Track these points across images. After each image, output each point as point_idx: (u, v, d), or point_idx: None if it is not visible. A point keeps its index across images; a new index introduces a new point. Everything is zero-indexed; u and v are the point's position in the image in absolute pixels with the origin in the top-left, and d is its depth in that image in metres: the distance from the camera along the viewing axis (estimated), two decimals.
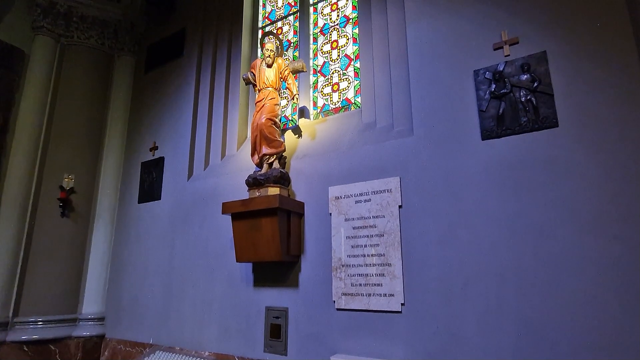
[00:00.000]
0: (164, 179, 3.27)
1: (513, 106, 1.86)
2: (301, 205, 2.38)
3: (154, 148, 3.43)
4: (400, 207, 2.04)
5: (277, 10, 3.42)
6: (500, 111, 1.88)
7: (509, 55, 1.92)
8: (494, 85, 1.92)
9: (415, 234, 1.96)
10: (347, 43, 2.89)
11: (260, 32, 3.43)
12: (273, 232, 2.20)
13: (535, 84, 1.81)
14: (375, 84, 2.46)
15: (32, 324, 3.04)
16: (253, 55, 3.34)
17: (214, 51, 3.37)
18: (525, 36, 1.89)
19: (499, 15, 1.99)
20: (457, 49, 2.07)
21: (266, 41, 2.64)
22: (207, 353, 2.52)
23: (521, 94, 1.85)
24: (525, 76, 1.85)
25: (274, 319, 2.29)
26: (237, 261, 2.36)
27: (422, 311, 1.85)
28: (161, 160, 3.34)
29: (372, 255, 2.05)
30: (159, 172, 3.31)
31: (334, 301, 2.11)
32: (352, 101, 2.76)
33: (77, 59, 3.64)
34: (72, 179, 3.37)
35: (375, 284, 2.00)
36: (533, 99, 1.81)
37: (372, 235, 2.07)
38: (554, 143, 1.72)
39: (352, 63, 2.83)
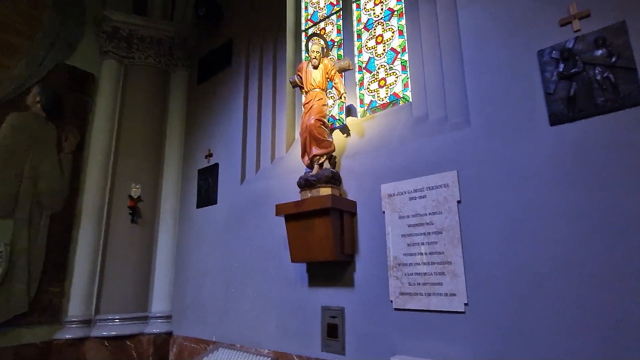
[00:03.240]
0: (219, 184, 3.62)
1: (586, 86, 1.77)
2: (353, 204, 2.48)
3: (209, 155, 3.80)
4: (458, 202, 2.04)
5: (319, 11, 3.60)
6: (571, 92, 1.80)
7: (579, 30, 1.84)
8: (562, 65, 1.84)
9: (476, 230, 1.95)
10: (392, 36, 2.96)
11: (303, 34, 3.64)
12: (326, 232, 2.33)
13: (614, 59, 1.72)
14: (426, 75, 2.49)
15: (110, 322, 3.55)
16: (298, 58, 3.56)
17: (260, 58, 3.66)
18: (598, 7, 1.80)
19: None
20: (516, 29, 2.02)
21: (311, 43, 2.80)
22: (266, 351, 2.73)
23: (596, 71, 1.76)
24: (600, 51, 1.75)
25: (330, 318, 2.42)
26: (292, 261, 2.54)
27: (487, 311, 1.84)
28: (216, 166, 3.70)
29: (430, 253, 2.07)
30: (214, 177, 3.67)
31: (392, 301, 2.18)
32: (401, 95, 2.80)
33: (138, 78, 4.19)
34: (138, 189, 3.88)
35: (434, 283, 2.02)
36: (611, 75, 1.71)
37: (429, 233, 2.10)
38: None
39: (399, 56, 2.88)
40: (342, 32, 3.29)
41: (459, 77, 2.26)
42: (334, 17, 3.44)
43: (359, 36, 3.18)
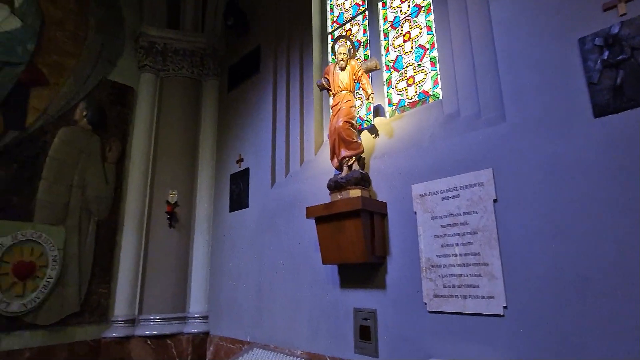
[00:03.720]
0: (250, 188, 3.76)
1: (635, 74, 1.67)
2: (384, 205, 2.49)
3: (240, 160, 3.96)
4: (495, 201, 1.99)
5: (344, 12, 3.65)
6: (618, 81, 1.71)
7: (625, 14, 1.74)
8: (606, 52, 1.75)
9: (514, 230, 1.89)
10: (420, 33, 2.94)
11: (329, 37, 3.70)
12: (357, 234, 2.35)
13: None
14: (456, 71, 2.45)
15: (152, 321, 3.79)
16: (324, 61, 3.62)
17: (287, 63, 3.76)
18: None
19: None
20: (553, 18, 1.95)
21: (338, 45, 2.85)
22: (299, 352, 2.79)
23: None
24: None
25: (362, 320, 2.43)
26: (323, 263, 2.59)
27: (529, 314, 1.77)
28: (247, 171, 3.85)
29: (465, 254, 2.03)
30: (246, 182, 3.82)
31: (425, 303, 2.16)
32: (431, 93, 2.77)
33: (172, 89, 4.45)
34: (175, 194, 4.11)
35: (470, 285, 1.98)
36: None
37: (463, 233, 2.06)
38: None
39: (428, 53, 2.85)
40: (368, 32, 3.32)
41: (492, 71, 2.20)
42: (359, 17, 3.47)
43: (386, 35, 3.19)
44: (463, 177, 2.13)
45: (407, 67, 2.97)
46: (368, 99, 2.69)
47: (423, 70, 2.87)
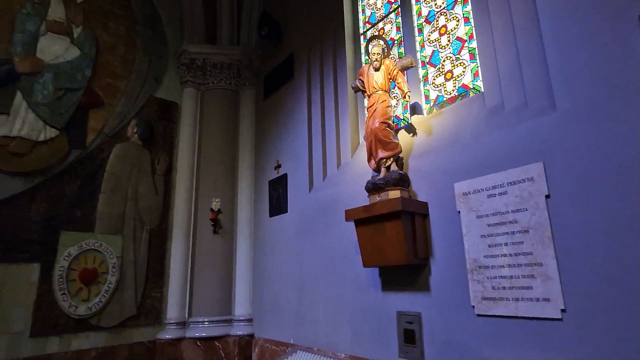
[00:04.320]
0: (288, 193, 3.88)
1: None
2: (424, 205, 2.46)
3: (278, 166, 4.11)
4: (547, 197, 1.89)
5: (376, 11, 3.67)
6: None
7: None
8: None
9: (570, 227, 1.78)
10: (457, 25, 2.87)
11: (362, 37, 3.73)
12: (398, 236, 2.35)
13: None
14: (498, 60, 2.37)
15: (200, 324, 4.03)
16: (357, 62, 3.66)
17: (321, 67, 3.86)
18: None
19: None
20: None
21: (371, 46, 2.87)
22: (343, 355, 2.82)
23: None
24: None
25: (406, 323, 2.41)
26: (364, 266, 2.60)
27: (590, 318, 1.66)
28: (284, 176, 3.98)
29: (515, 254, 1.95)
30: (284, 187, 3.95)
31: (473, 306, 2.09)
32: (471, 86, 2.70)
33: (212, 101, 4.75)
34: (218, 202, 4.36)
35: (523, 287, 1.89)
36: None
37: (513, 232, 1.98)
38: None
39: (466, 45, 2.78)
40: (401, 29, 3.31)
41: (538, 57, 2.10)
42: (392, 15, 3.47)
43: (420, 30, 3.16)
44: (510, 173, 2.05)
45: (444, 61, 2.92)
46: (404, 97, 2.68)
47: (462, 64, 2.80)
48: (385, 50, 2.88)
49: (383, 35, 3.30)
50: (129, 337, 3.81)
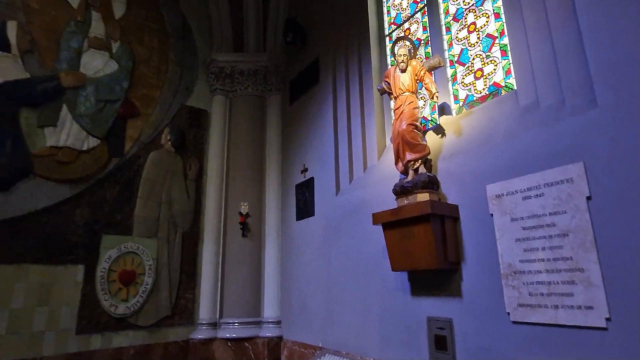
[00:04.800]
0: (315, 197, 3.93)
1: None
2: (455, 208, 2.41)
3: (304, 170, 4.17)
4: (588, 198, 1.80)
5: (402, 12, 3.65)
6: None
7: None
8: None
9: (615, 230, 1.69)
10: (487, 22, 2.81)
11: (387, 39, 3.73)
12: (427, 239, 2.32)
13: None
14: (532, 56, 2.29)
15: (231, 325, 4.16)
16: (383, 64, 3.66)
17: (346, 70, 3.89)
18: None
19: None
20: None
21: (397, 47, 2.86)
22: (371, 359, 2.80)
23: None
24: None
25: (437, 329, 2.37)
26: (392, 270, 2.59)
27: (638, 327, 1.54)
28: (311, 180, 4.03)
29: (553, 259, 1.87)
30: (311, 191, 4.00)
31: (509, 313, 2.02)
32: (503, 84, 2.63)
33: (240, 107, 4.91)
34: (246, 206, 4.49)
35: (563, 294, 1.80)
36: None
37: (551, 236, 1.90)
38: None
39: (497, 41, 2.71)
40: (428, 28, 3.27)
41: (576, 50, 2.02)
42: (418, 14, 3.44)
43: (448, 29, 3.11)
44: (547, 174, 1.97)
45: (473, 59, 2.86)
46: (432, 98, 2.65)
47: (493, 61, 2.73)
48: (412, 51, 2.86)
49: (409, 36, 3.29)
50: (164, 337, 4.00)
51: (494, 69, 2.70)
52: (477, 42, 2.86)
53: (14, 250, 3.34)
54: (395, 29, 3.68)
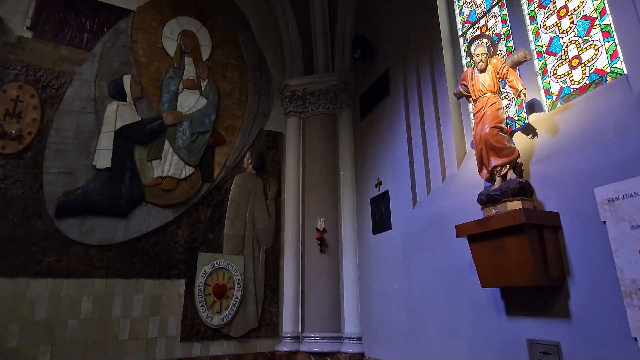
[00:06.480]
0: (391, 210, 3.87)
1: None
2: (555, 216, 2.15)
3: (379, 184, 4.15)
4: None
5: (476, 8, 3.49)
6: None
7: None
8: None
9: None
10: (582, 2, 2.52)
11: (461, 39, 3.58)
12: (523, 252, 2.11)
13: None
14: None
15: (312, 339, 4.28)
16: (457, 67, 3.52)
17: (417, 77, 3.82)
18: None
19: None
20: None
21: (474, 47, 2.73)
22: None
23: None
24: None
25: (541, 354, 2.10)
26: (482, 287, 2.40)
27: None
28: (386, 193, 4.00)
29: None
30: (386, 204, 3.96)
31: (635, 338, 1.69)
32: (608, 70, 2.30)
33: (312, 126, 5.16)
34: (322, 221, 4.63)
35: None
36: None
37: None
38: None
39: (597, 23, 2.41)
40: (508, 21, 3.06)
41: None
42: (495, 8, 3.25)
43: (533, 18, 2.87)
44: None
45: (567, 47, 2.57)
46: (519, 96, 2.45)
47: (592, 46, 2.42)
48: (491, 48, 2.70)
49: (486, 33, 3.11)
50: (252, 347, 4.28)
51: (595, 54, 2.39)
52: (570, 27, 2.57)
53: (133, 267, 3.99)
54: (470, 28, 3.51)
